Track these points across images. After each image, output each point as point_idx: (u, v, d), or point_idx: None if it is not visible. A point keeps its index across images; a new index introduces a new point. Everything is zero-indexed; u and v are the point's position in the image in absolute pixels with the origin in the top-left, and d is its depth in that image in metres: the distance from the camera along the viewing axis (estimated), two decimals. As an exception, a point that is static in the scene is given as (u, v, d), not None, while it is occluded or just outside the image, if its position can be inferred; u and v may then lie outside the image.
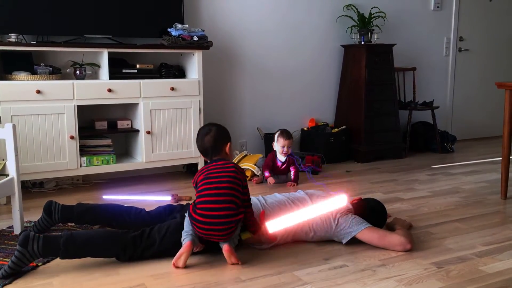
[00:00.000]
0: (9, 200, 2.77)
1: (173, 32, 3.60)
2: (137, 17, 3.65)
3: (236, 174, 2.22)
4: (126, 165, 3.57)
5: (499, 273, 2.10)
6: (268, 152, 4.27)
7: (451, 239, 2.50)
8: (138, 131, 3.58)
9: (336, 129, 4.56)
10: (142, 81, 3.50)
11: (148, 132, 3.54)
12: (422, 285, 1.99)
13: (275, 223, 2.35)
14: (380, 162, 4.49)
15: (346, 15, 4.67)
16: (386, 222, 2.60)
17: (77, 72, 3.43)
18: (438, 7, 5.29)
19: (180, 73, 3.83)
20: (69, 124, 3.27)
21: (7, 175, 2.50)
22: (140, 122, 3.54)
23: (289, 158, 3.68)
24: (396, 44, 4.74)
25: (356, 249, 2.33)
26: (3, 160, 2.59)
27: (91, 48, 3.45)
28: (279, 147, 3.64)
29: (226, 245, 2.16)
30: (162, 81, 3.59)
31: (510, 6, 5.83)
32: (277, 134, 3.68)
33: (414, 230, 2.63)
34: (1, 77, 3.21)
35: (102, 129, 3.55)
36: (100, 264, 2.15)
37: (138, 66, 3.59)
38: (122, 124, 3.63)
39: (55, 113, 3.23)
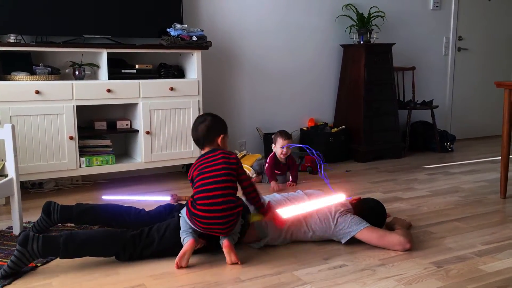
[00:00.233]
0: (8, 201, 2.77)
1: (172, 32, 3.60)
2: (136, 17, 3.65)
3: (228, 160, 2.21)
4: (126, 165, 3.57)
5: (499, 272, 2.10)
6: (267, 152, 4.24)
7: (451, 239, 2.50)
8: (138, 131, 3.57)
9: (336, 129, 4.56)
10: (141, 81, 3.50)
11: (148, 132, 3.54)
12: (422, 285, 1.99)
13: (286, 210, 2.37)
14: (380, 162, 4.49)
15: (345, 15, 4.67)
16: (386, 222, 2.60)
17: (76, 73, 3.43)
18: (437, 7, 5.29)
19: (179, 73, 3.82)
20: (68, 125, 3.27)
21: (6, 176, 2.50)
22: (140, 122, 3.54)
23: (289, 159, 3.65)
24: (395, 44, 4.74)
25: (356, 249, 2.33)
26: (2, 161, 2.59)
27: (90, 49, 3.45)
28: (279, 148, 3.58)
29: (226, 241, 2.17)
30: (161, 81, 3.59)
31: (509, 6, 5.83)
32: (276, 136, 3.63)
33: (414, 230, 2.63)
34: (0, 78, 3.20)
35: (102, 130, 3.55)
36: (100, 264, 2.15)
37: (137, 66, 3.59)
38: (122, 124, 3.63)
39: (54, 114, 3.23)
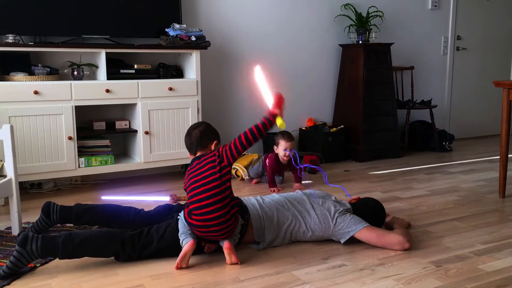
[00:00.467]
0: (7, 201, 2.76)
1: (171, 32, 3.59)
2: (135, 17, 3.65)
3: (210, 160, 2.19)
4: (125, 166, 3.57)
5: (498, 272, 2.10)
6: (266, 153, 4.23)
7: (450, 238, 2.50)
8: (136, 132, 3.57)
9: (335, 129, 4.56)
10: (140, 81, 3.50)
11: (146, 133, 3.54)
12: (421, 284, 1.99)
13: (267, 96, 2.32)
14: (379, 161, 4.49)
15: (344, 15, 4.67)
16: (385, 221, 2.60)
17: (75, 73, 3.43)
18: (436, 6, 5.29)
19: (178, 73, 3.82)
20: (67, 125, 3.27)
21: (5, 176, 2.50)
22: (138, 123, 3.54)
23: (290, 160, 3.51)
24: (394, 43, 4.74)
25: (355, 249, 2.34)
26: (1, 161, 2.59)
27: (89, 49, 3.45)
28: (281, 151, 3.46)
29: (227, 243, 2.18)
30: (160, 81, 3.59)
31: (508, 5, 5.84)
32: (278, 137, 3.50)
33: (413, 229, 2.63)
34: (-1, 78, 3.21)
35: (100, 130, 3.55)
36: (99, 265, 2.15)
37: (136, 67, 3.59)
38: (120, 125, 3.63)
39: (53, 114, 3.23)
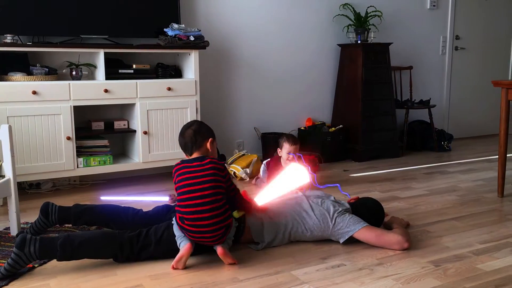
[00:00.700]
0: (6, 202, 2.76)
1: (170, 32, 3.59)
2: (133, 17, 3.64)
3: (217, 166, 2.17)
4: (123, 166, 3.57)
5: (496, 271, 2.11)
6: (265, 153, 4.23)
7: (448, 238, 2.51)
8: (135, 132, 3.57)
9: (333, 129, 4.55)
10: (139, 81, 3.50)
11: (145, 133, 3.54)
12: (420, 284, 1.99)
13: (262, 196, 2.43)
14: (377, 161, 4.49)
15: (343, 14, 4.67)
16: (384, 221, 2.60)
17: (73, 73, 3.42)
18: (434, 6, 5.30)
19: (177, 73, 3.82)
20: (66, 125, 3.27)
21: (3, 176, 2.49)
22: (137, 123, 3.53)
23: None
24: (393, 43, 4.74)
25: (354, 248, 2.34)
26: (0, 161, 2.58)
27: (87, 49, 3.45)
28: (285, 154, 3.28)
29: (220, 248, 2.14)
30: (159, 81, 3.59)
31: (506, 5, 5.84)
32: (282, 140, 3.32)
33: (412, 229, 2.63)
34: (-3, 78, 3.20)
35: (99, 130, 3.55)
36: (98, 265, 2.15)
37: (135, 66, 3.59)
38: (119, 125, 3.62)
39: (52, 114, 3.22)
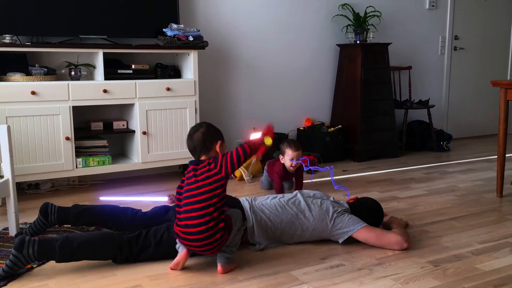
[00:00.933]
0: (4, 202, 2.75)
1: (169, 32, 3.59)
2: (132, 18, 3.64)
3: (208, 168, 2.07)
4: (122, 166, 3.57)
5: (496, 271, 2.11)
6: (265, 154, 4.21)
7: (447, 238, 2.51)
8: (134, 132, 3.57)
9: (332, 129, 4.56)
10: (138, 82, 3.50)
11: (144, 133, 3.53)
12: (419, 284, 1.99)
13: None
14: (376, 161, 4.49)
15: (342, 15, 4.68)
16: (383, 221, 2.60)
17: (72, 73, 3.42)
18: (433, 6, 5.30)
19: (176, 73, 3.82)
20: (65, 125, 3.26)
21: (2, 177, 2.49)
22: (136, 123, 3.53)
23: (298, 169, 3.28)
24: (392, 43, 4.75)
25: (353, 249, 2.34)
26: (-2, 162, 2.58)
27: (86, 49, 3.44)
28: (288, 160, 3.20)
29: (220, 267, 2.09)
30: (158, 82, 3.59)
31: (505, 5, 5.85)
32: (284, 146, 3.23)
33: (411, 229, 2.63)
34: (-4, 78, 3.20)
35: (98, 130, 3.54)
36: (97, 266, 2.14)
37: (134, 67, 3.59)
38: (118, 125, 3.62)
39: (50, 114, 3.22)
